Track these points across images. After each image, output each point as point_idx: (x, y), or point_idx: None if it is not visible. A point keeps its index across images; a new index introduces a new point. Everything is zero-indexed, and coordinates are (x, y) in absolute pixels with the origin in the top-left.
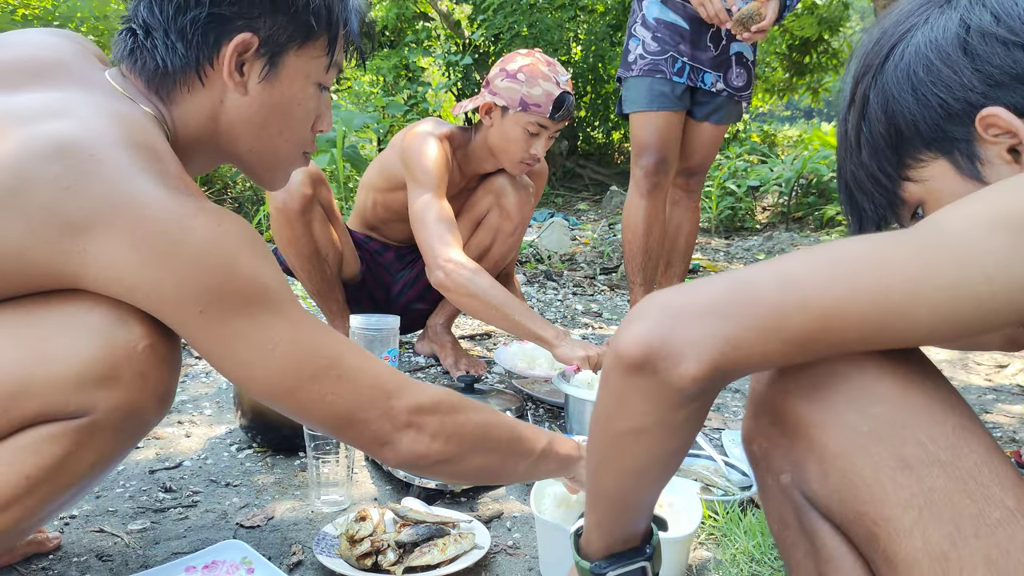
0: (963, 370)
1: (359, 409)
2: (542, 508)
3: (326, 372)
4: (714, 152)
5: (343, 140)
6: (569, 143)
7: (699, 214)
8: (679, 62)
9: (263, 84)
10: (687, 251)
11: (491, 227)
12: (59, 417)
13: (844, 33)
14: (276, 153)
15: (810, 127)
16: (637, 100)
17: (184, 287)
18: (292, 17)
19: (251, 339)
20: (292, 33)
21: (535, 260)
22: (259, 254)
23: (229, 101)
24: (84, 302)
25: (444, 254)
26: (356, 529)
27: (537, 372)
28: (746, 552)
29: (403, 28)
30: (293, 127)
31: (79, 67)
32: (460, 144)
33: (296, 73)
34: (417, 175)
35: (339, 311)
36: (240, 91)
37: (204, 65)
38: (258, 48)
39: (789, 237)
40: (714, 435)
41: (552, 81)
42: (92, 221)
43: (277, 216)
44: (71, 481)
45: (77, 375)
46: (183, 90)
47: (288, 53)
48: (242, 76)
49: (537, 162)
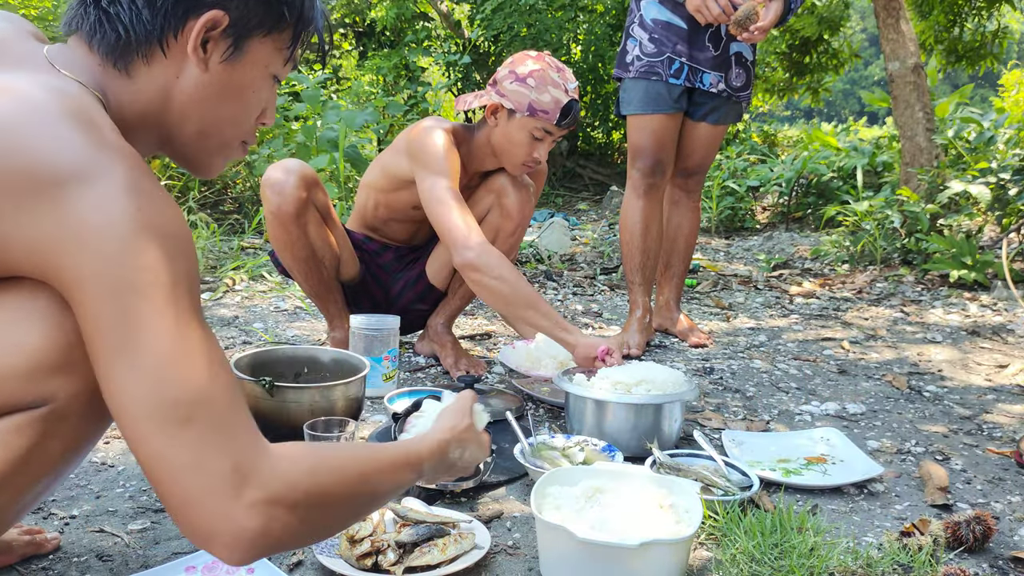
0: (963, 370)
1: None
2: (542, 508)
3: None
4: (713, 152)
5: (344, 140)
6: (569, 143)
7: (699, 214)
8: (676, 63)
9: (224, 65)
10: (687, 252)
11: (492, 226)
12: (21, 408)
13: (844, 33)
14: (222, 138)
15: (810, 127)
16: (634, 102)
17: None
18: (264, 3)
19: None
20: (262, 19)
21: (535, 260)
22: (168, 248)
23: (187, 77)
24: (27, 288)
25: (472, 236)
26: (356, 529)
27: (541, 372)
28: (746, 552)
29: (403, 28)
30: (243, 114)
31: (13, 46)
32: (463, 141)
33: (257, 59)
34: (429, 162)
35: (338, 312)
36: (201, 68)
37: (168, 36)
38: (226, 28)
39: (789, 237)
40: (714, 435)
41: (561, 88)
42: (23, 192)
43: (272, 220)
44: (43, 470)
45: (30, 365)
46: (142, 62)
47: (254, 38)
48: (205, 53)
49: (539, 165)
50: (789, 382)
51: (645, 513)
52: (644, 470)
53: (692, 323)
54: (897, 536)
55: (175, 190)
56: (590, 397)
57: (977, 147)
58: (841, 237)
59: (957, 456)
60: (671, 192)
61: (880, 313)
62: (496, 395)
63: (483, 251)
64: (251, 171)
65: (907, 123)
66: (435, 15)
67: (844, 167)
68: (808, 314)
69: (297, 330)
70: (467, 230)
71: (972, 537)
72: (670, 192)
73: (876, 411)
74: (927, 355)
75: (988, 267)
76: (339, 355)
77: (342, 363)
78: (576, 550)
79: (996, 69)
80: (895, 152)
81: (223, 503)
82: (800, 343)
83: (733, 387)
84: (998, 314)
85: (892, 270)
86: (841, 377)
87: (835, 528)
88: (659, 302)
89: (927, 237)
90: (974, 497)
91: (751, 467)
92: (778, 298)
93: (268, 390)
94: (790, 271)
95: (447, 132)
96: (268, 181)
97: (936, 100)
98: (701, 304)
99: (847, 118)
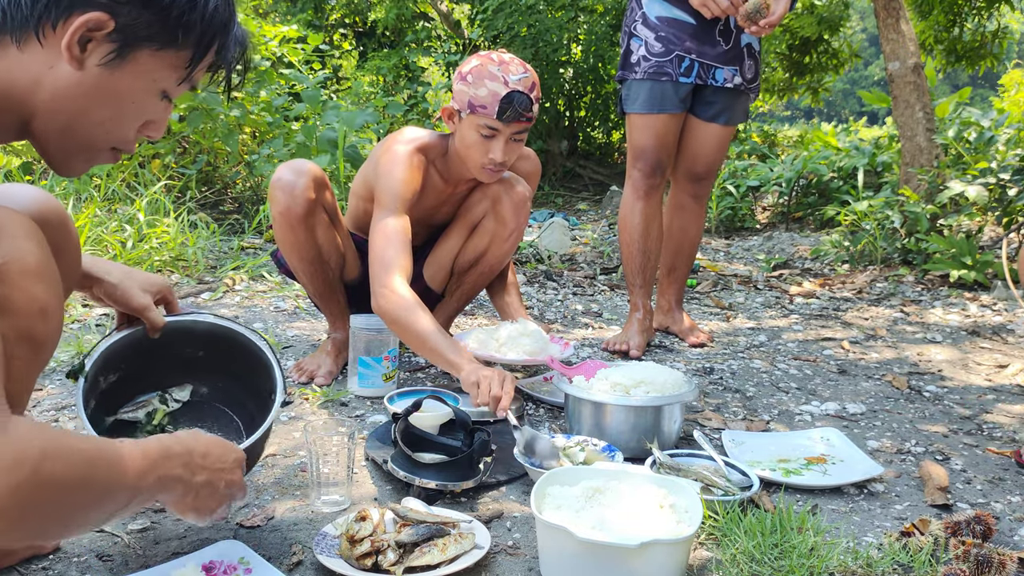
0: (963, 370)
1: None
2: (542, 508)
3: None
4: (722, 155)
5: (344, 140)
6: (569, 143)
7: (704, 218)
8: (686, 61)
9: (102, 68)
10: (690, 255)
11: (486, 232)
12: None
13: (844, 33)
14: (89, 140)
15: (810, 127)
16: (638, 100)
17: None
18: (160, 19)
19: None
20: (154, 34)
21: (535, 260)
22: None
23: (59, 71)
24: None
25: (384, 281)
26: (356, 529)
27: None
28: (746, 552)
29: (403, 28)
30: (117, 121)
31: None
32: (439, 152)
33: (143, 71)
34: (382, 197)
35: (340, 313)
36: (75, 65)
37: (45, 25)
38: (111, 32)
39: (789, 237)
40: (714, 435)
41: (499, 80)
42: None
43: (280, 220)
44: None
45: None
46: (12, 45)
47: (143, 49)
48: (83, 52)
49: (502, 168)
50: (789, 382)
51: (645, 513)
52: (644, 470)
53: (693, 323)
54: (897, 536)
55: (175, 190)
56: (589, 399)
57: (977, 147)
58: (841, 237)
59: (957, 456)
60: (677, 197)
61: (880, 313)
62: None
63: (388, 297)
64: (251, 171)
65: (907, 123)
66: (435, 15)
67: (844, 167)
68: (808, 314)
69: (297, 330)
70: (383, 274)
71: (972, 537)
72: (676, 197)
73: (876, 411)
74: (927, 355)
75: (988, 267)
76: (216, 329)
77: (220, 341)
78: (576, 550)
79: (996, 69)
80: (895, 152)
81: None
82: (800, 343)
83: (733, 387)
84: (998, 314)
85: (892, 270)
86: (841, 377)
87: (835, 528)
88: (661, 303)
89: (927, 237)
90: (974, 497)
91: (751, 467)
92: (778, 298)
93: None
94: (790, 271)
95: (415, 152)
96: (278, 182)
97: (936, 100)
98: (701, 304)
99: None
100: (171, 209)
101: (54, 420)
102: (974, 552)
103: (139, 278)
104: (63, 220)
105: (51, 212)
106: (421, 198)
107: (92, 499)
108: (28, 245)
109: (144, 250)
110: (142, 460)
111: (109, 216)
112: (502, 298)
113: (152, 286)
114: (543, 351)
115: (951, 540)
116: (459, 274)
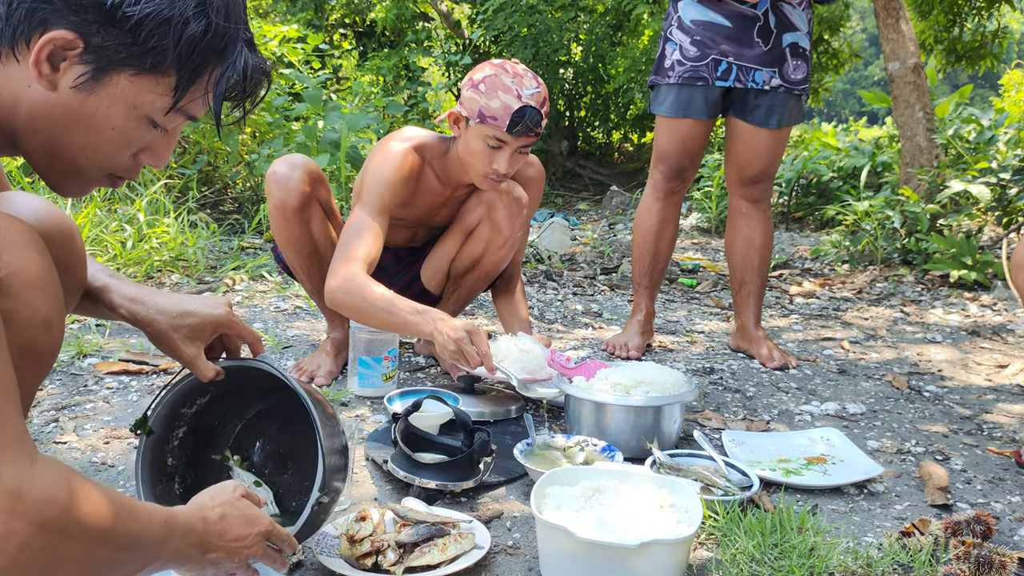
0: (963, 370)
1: None
2: (542, 508)
3: None
4: (777, 159)
5: (345, 141)
6: (569, 143)
7: (771, 224)
8: (723, 64)
9: (76, 90)
10: (762, 266)
11: (481, 239)
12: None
13: (844, 33)
14: (74, 163)
15: (810, 127)
16: (666, 103)
17: None
18: (132, 41)
19: None
20: (128, 58)
21: (535, 260)
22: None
23: (35, 91)
24: None
25: (336, 268)
26: (356, 529)
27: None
28: (746, 552)
29: (403, 28)
30: (100, 146)
31: None
32: (438, 154)
33: (120, 97)
34: (364, 192)
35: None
36: (46, 85)
37: (19, 42)
38: (84, 54)
39: (789, 237)
40: (714, 435)
41: (513, 94)
42: None
43: (275, 214)
44: None
45: None
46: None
47: (119, 73)
48: (55, 72)
49: (504, 179)
50: (789, 382)
51: (645, 513)
52: (644, 470)
53: (774, 345)
54: (897, 536)
55: (175, 190)
56: (589, 399)
57: (977, 147)
58: (841, 237)
59: (957, 456)
60: (734, 203)
61: (880, 313)
62: (496, 395)
63: (336, 285)
64: (251, 171)
65: (907, 123)
66: (435, 15)
67: (844, 167)
68: (808, 314)
69: (297, 330)
70: (338, 263)
71: (972, 537)
72: (733, 203)
73: (876, 411)
74: (927, 355)
75: (988, 267)
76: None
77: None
78: (576, 550)
79: (996, 69)
80: (895, 152)
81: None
82: (800, 343)
83: (733, 387)
84: (998, 314)
85: (892, 270)
86: (841, 377)
87: (835, 528)
88: (738, 324)
89: (927, 237)
90: (974, 497)
91: (751, 467)
92: (778, 298)
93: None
94: (790, 271)
95: (410, 152)
96: (273, 175)
97: (936, 100)
98: (701, 304)
99: (847, 118)
100: (171, 209)
101: (54, 420)
102: (974, 552)
103: (189, 322)
104: (69, 233)
105: (56, 226)
106: (416, 199)
107: (113, 552)
108: (30, 254)
109: (144, 250)
110: (163, 528)
111: (109, 216)
112: (504, 306)
113: (203, 329)
114: (541, 370)
115: (951, 540)
116: (455, 278)
